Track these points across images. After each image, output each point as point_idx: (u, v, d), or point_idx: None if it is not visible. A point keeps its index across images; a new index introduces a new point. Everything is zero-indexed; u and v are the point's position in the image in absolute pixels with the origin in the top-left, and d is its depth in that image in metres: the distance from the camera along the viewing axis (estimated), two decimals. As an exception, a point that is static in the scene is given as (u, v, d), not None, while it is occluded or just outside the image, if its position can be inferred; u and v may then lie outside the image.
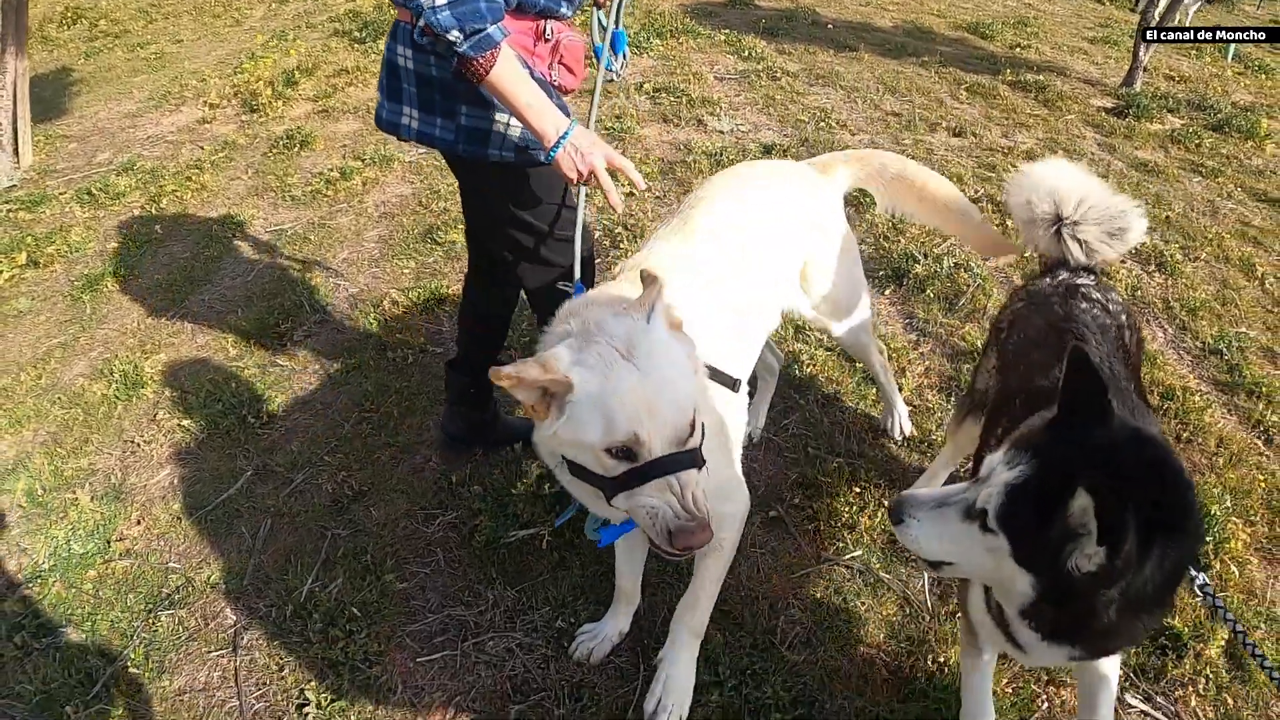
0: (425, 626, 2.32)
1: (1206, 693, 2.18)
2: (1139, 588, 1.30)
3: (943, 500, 1.46)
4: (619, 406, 1.39)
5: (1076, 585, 1.30)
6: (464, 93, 1.95)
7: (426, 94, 2.01)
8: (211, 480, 2.81)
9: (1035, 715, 2.11)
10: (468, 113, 1.98)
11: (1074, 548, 1.27)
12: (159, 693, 2.25)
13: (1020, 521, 1.34)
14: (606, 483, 1.45)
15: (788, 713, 2.07)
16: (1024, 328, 2.01)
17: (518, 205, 2.13)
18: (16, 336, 3.68)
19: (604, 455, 1.42)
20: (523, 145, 2.00)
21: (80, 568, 2.58)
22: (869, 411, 2.99)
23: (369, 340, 3.37)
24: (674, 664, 1.88)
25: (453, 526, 2.58)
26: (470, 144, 2.01)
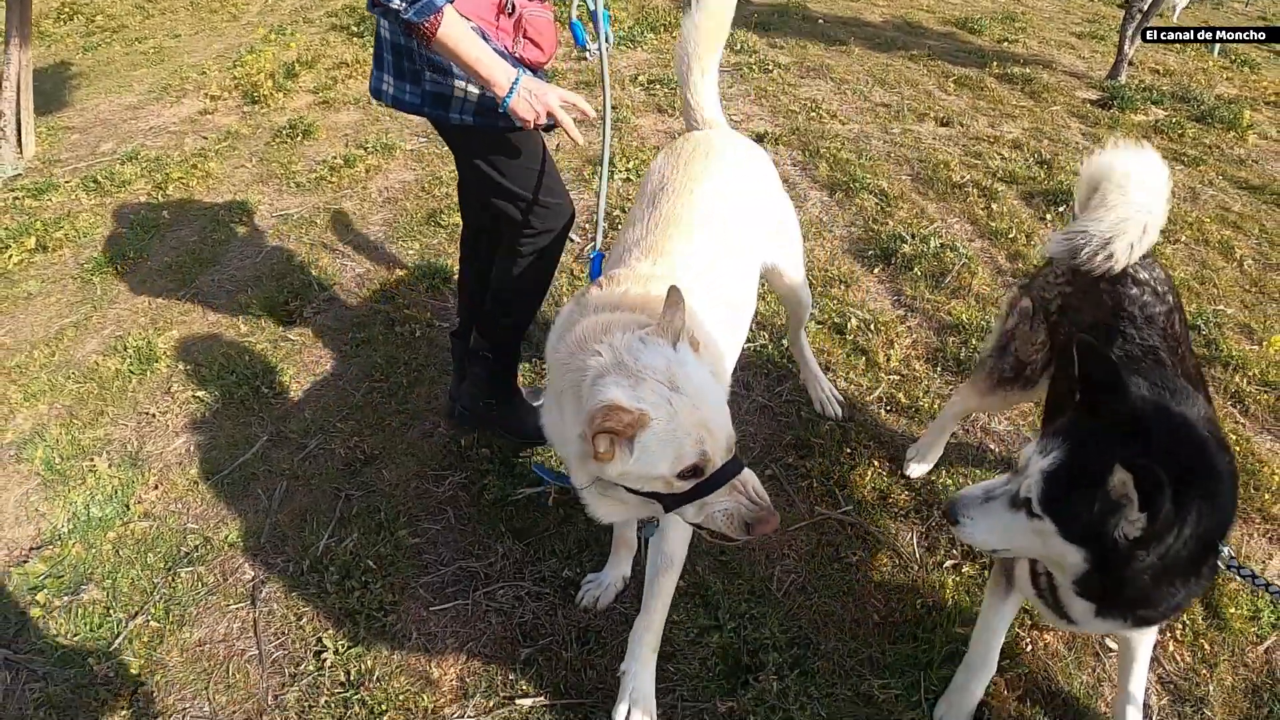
0: (437, 578, 2.44)
1: (1184, 638, 2.32)
2: (1176, 551, 1.44)
3: (988, 494, 1.61)
4: (685, 436, 1.52)
5: (1123, 552, 1.45)
6: (428, 59, 2.12)
7: (398, 61, 2.19)
8: (227, 447, 2.92)
9: (1020, 656, 2.24)
10: (430, 78, 2.15)
11: (1118, 519, 1.42)
12: (180, 644, 2.36)
13: (1061, 503, 1.49)
14: (672, 500, 1.60)
15: (784, 652, 2.20)
16: (1074, 319, 2.07)
17: (490, 168, 2.30)
18: (27, 317, 3.77)
19: (674, 480, 1.56)
20: (478, 111, 2.17)
21: (99, 530, 2.68)
22: (858, 380, 3.12)
23: (377, 316, 3.49)
24: (636, 676, 2.03)
25: (462, 486, 2.70)
26: (434, 107, 2.19)
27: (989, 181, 4.59)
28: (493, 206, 2.41)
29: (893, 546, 2.51)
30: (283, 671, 2.26)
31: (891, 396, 3.05)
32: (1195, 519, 1.44)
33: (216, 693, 2.24)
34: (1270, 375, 3.25)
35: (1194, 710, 2.17)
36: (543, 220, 2.40)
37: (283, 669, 2.27)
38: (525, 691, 2.17)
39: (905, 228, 4.05)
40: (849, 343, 3.28)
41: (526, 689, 2.17)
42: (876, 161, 4.82)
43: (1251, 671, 2.26)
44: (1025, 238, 4.05)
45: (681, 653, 2.23)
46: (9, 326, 3.70)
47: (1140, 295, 1.96)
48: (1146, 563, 1.46)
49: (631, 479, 1.58)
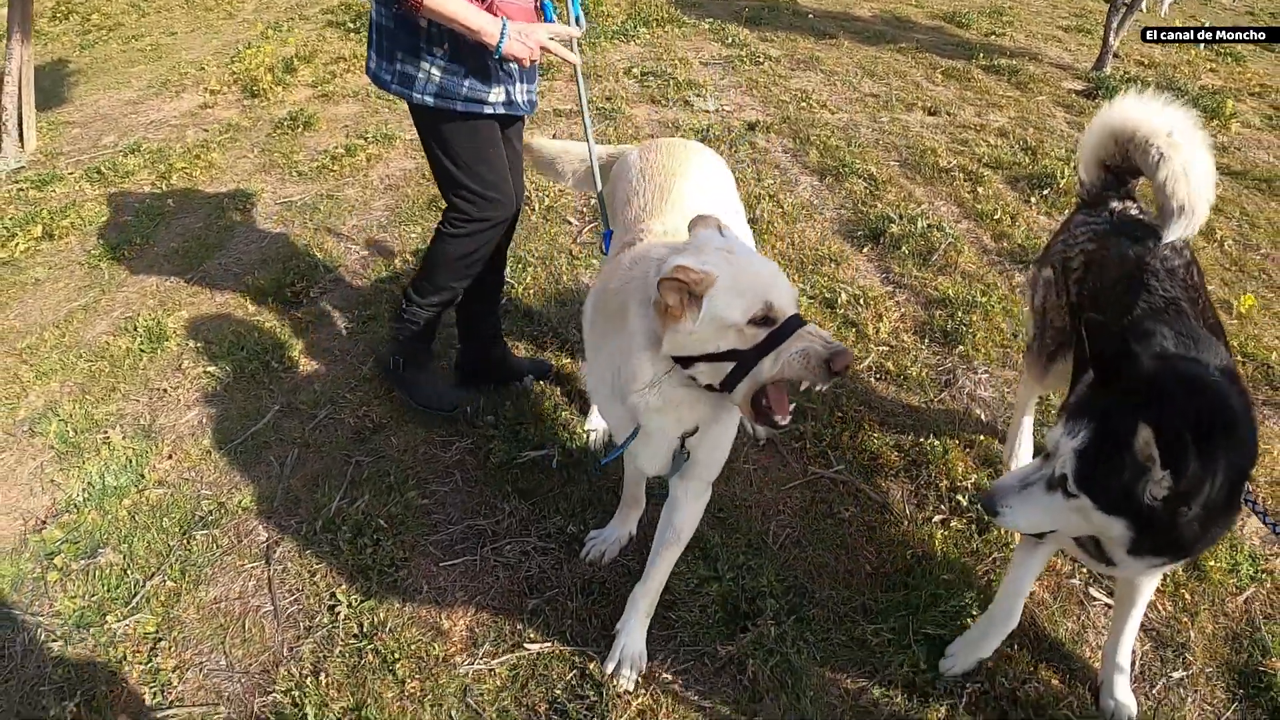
0: (447, 536, 2.55)
1: (1166, 589, 2.43)
2: (1214, 498, 1.53)
3: (1024, 481, 1.69)
4: (752, 284, 1.67)
5: (1158, 513, 1.53)
6: (402, 41, 2.32)
7: (379, 40, 2.39)
8: (239, 418, 3.02)
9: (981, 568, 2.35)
10: (402, 58, 2.35)
11: (1145, 481, 1.50)
12: (196, 602, 2.45)
13: (1095, 478, 1.57)
14: (750, 355, 1.68)
15: (781, 600, 2.31)
16: (1100, 275, 2.16)
17: (440, 150, 2.50)
18: (36, 301, 3.86)
19: (746, 328, 1.67)
20: (438, 93, 2.36)
21: (115, 498, 2.77)
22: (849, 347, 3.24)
23: (381, 295, 3.60)
24: (629, 634, 2.18)
25: (469, 451, 2.81)
26: (401, 85, 2.38)
27: (975, 166, 4.72)
28: (440, 182, 2.60)
29: (883, 503, 2.62)
30: (298, 625, 2.36)
31: (881, 365, 3.17)
32: (1225, 465, 1.51)
33: (233, 646, 2.33)
34: (1249, 348, 3.37)
35: (1175, 655, 2.28)
36: (479, 209, 2.56)
37: (298, 622, 2.37)
38: (532, 639, 2.27)
39: (893, 209, 4.18)
40: (840, 316, 3.40)
41: (534, 637, 2.28)
42: (865, 148, 4.95)
43: (1231, 620, 2.38)
44: (1010, 219, 4.18)
45: (683, 601, 2.33)
46: (18, 310, 3.79)
47: (1162, 250, 2.04)
48: (1191, 516, 1.53)
49: (706, 334, 1.67)
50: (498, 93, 2.41)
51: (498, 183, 2.55)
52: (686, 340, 1.69)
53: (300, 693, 2.17)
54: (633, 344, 1.80)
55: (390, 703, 2.15)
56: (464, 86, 2.36)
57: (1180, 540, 1.61)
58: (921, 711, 2.11)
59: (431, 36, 2.30)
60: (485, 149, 2.50)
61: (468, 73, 2.34)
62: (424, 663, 2.24)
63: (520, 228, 4.08)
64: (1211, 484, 1.51)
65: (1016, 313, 3.46)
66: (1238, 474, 1.58)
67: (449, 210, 2.61)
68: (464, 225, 2.59)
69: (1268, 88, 6.63)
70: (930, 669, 2.16)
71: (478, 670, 2.21)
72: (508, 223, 2.67)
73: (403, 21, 2.30)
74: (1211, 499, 1.53)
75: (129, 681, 2.28)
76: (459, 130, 2.45)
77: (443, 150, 2.49)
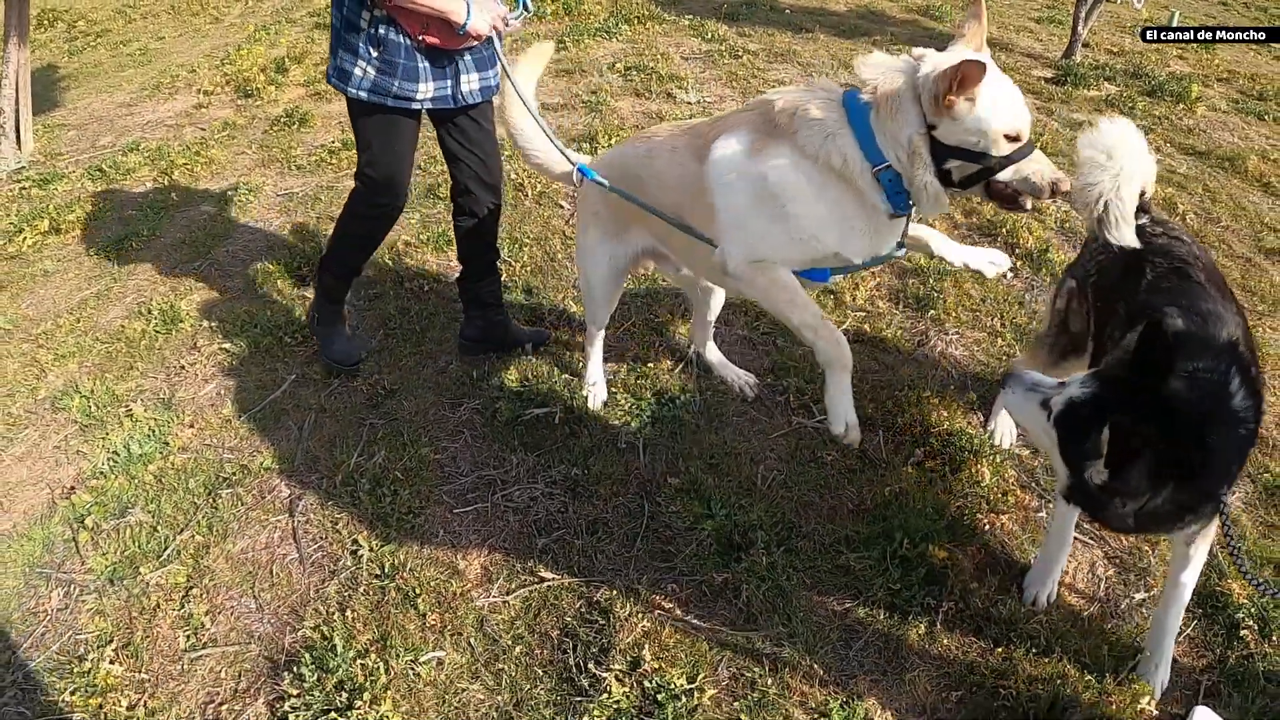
0: (459, 485, 2.77)
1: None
2: (1153, 507, 1.76)
3: (1034, 386, 1.98)
4: (1011, 104, 1.98)
5: (1091, 491, 1.79)
6: (344, 41, 2.64)
7: (332, 41, 2.70)
8: (255, 389, 3.22)
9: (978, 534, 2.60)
10: (341, 56, 2.66)
11: (1092, 464, 1.76)
12: (224, 553, 2.66)
13: (1069, 428, 1.83)
14: (995, 162, 1.98)
15: (770, 533, 2.54)
16: (1109, 276, 2.36)
17: (359, 138, 2.85)
18: (47, 291, 4.04)
19: (1003, 139, 1.97)
20: (371, 89, 2.66)
21: (140, 464, 2.96)
22: (828, 316, 3.48)
23: (387, 275, 3.82)
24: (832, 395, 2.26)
25: (476, 411, 3.03)
26: (338, 80, 2.70)
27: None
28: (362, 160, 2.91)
29: (862, 448, 2.86)
30: (323, 569, 2.57)
31: (858, 329, 3.42)
32: (1178, 490, 1.72)
33: (261, 591, 2.54)
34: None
35: (1136, 579, 2.53)
36: (370, 195, 2.91)
37: (323, 566, 2.58)
38: (544, 574, 2.49)
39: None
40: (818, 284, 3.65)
41: (545, 573, 2.50)
42: (844, 134, 5.20)
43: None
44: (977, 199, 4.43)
45: (680, 537, 2.56)
46: (30, 300, 3.97)
47: (1160, 240, 2.26)
48: (1125, 511, 1.77)
49: (970, 132, 1.96)
50: (426, 89, 2.69)
51: (394, 178, 2.87)
52: (956, 130, 1.97)
53: (328, 628, 2.38)
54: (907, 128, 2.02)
55: (413, 634, 2.36)
56: (394, 85, 2.65)
57: (1108, 520, 1.86)
58: (902, 628, 2.34)
59: (370, 37, 2.60)
60: (399, 144, 2.81)
61: (398, 73, 2.63)
62: (443, 598, 2.45)
63: (515, 212, 4.32)
64: (1153, 498, 1.73)
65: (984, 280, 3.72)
66: (1196, 499, 1.77)
67: (352, 190, 2.97)
68: (358, 206, 2.95)
69: (1235, 73, 6.94)
70: (906, 589, 2.40)
71: (493, 603, 2.43)
72: (394, 215, 3.01)
73: (348, 24, 2.60)
74: (1150, 508, 1.75)
75: (164, 626, 2.47)
76: (381, 123, 2.76)
77: (361, 139, 2.84)
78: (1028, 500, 2.73)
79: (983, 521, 2.66)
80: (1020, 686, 2.18)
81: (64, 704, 2.26)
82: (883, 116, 2.05)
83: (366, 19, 2.58)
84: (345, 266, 3.18)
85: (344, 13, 2.60)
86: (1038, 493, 2.77)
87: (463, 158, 2.92)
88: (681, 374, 3.20)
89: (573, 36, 6.78)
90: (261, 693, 2.28)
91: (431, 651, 2.32)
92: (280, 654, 2.36)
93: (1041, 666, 2.23)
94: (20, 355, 3.58)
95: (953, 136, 1.99)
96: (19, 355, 3.59)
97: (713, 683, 2.21)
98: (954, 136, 1.99)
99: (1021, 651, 2.27)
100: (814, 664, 2.25)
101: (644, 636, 2.30)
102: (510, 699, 2.20)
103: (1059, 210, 4.40)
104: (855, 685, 2.21)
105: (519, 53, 3.07)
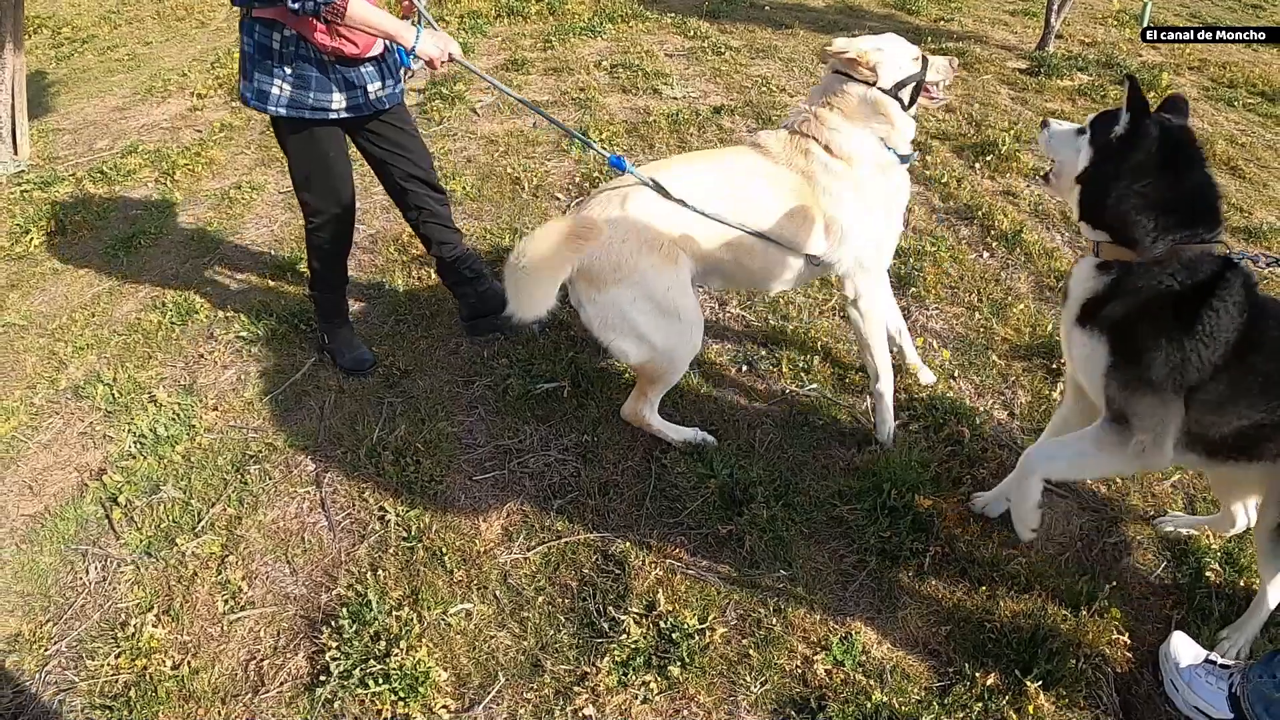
0: (477, 455, 2.99)
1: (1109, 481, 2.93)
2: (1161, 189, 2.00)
3: (1070, 128, 2.27)
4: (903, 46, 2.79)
5: (1109, 158, 2.06)
6: (259, 63, 2.83)
7: (243, 65, 2.91)
8: (275, 373, 3.43)
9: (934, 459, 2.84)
10: (258, 78, 2.87)
11: (1115, 125, 2.03)
12: (256, 523, 2.86)
13: (1099, 122, 2.13)
14: (920, 72, 2.76)
15: (769, 489, 2.78)
16: None
17: (292, 156, 3.06)
18: (59, 289, 4.22)
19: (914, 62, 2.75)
20: (289, 104, 2.87)
21: (168, 445, 3.15)
22: (815, 295, 3.75)
23: (393, 264, 4.03)
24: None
25: (488, 388, 3.26)
26: (258, 100, 2.90)
27: (924, 138, 5.26)
28: (294, 179, 3.15)
29: (851, 413, 3.11)
30: (352, 534, 2.79)
31: (843, 307, 3.66)
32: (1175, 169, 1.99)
33: (294, 556, 2.75)
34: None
35: (1109, 525, 2.78)
36: (316, 204, 3.15)
37: (352, 532, 2.79)
38: (561, 531, 2.72)
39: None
40: (809, 266, 3.90)
41: (561, 530, 2.72)
42: (826, 126, 5.47)
43: (1160, 500, 2.88)
44: (956, 183, 4.72)
45: (686, 495, 2.80)
46: (42, 297, 4.15)
47: None
48: (1120, 191, 2.02)
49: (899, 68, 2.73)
50: (339, 99, 2.91)
51: (325, 189, 3.11)
52: (895, 73, 2.68)
53: (361, 586, 2.59)
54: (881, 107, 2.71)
55: (442, 589, 2.58)
56: (310, 97, 2.87)
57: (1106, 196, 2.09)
58: (893, 571, 2.59)
59: (283, 56, 2.82)
60: (326, 153, 3.04)
61: (311, 85, 2.86)
62: (468, 555, 2.67)
63: (513, 204, 4.55)
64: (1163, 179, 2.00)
65: (962, 259, 4.00)
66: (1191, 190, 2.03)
67: (301, 207, 3.19)
68: (312, 219, 3.18)
69: (1206, 61, 7.22)
70: (896, 536, 2.64)
71: (515, 559, 2.66)
72: (347, 220, 3.23)
73: (260, 47, 2.82)
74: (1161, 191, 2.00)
75: (202, 592, 2.68)
76: (305, 139, 2.99)
77: (292, 156, 3.06)
78: (1005, 456, 2.98)
79: (964, 474, 2.91)
80: (1004, 619, 2.43)
81: (109, 667, 2.45)
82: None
83: (278, 40, 2.78)
84: (328, 281, 3.37)
85: (255, 38, 2.80)
86: (1015, 450, 3.02)
87: (388, 160, 3.19)
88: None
89: (558, 35, 7.02)
90: (301, 648, 2.49)
91: (460, 604, 2.53)
92: (317, 612, 2.57)
93: (1023, 603, 2.49)
94: (38, 349, 3.76)
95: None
96: (36, 349, 3.76)
97: (722, 623, 2.44)
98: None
99: (1004, 590, 2.52)
100: (814, 604, 2.49)
101: (657, 583, 2.53)
102: (536, 643, 2.43)
103: (1033, 194, 4.67)
104: (852, 622, 2.45)
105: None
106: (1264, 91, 6.53)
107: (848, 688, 2.28)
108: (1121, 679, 2.33)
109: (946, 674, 2.33)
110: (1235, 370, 2.01)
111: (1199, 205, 2.05)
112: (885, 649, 2.40)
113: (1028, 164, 4.95)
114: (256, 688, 2.40)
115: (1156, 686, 2.29)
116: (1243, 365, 2.01)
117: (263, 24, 2.78)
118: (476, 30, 7.45)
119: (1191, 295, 2.01)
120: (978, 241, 4.23)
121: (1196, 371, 2.02)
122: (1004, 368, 3.37)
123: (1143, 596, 2.55)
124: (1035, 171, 4.76)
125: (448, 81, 6.10)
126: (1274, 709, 2.06)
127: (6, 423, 3.33)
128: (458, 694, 2.33)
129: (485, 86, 6.15)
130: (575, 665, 2.36)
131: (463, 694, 2.33)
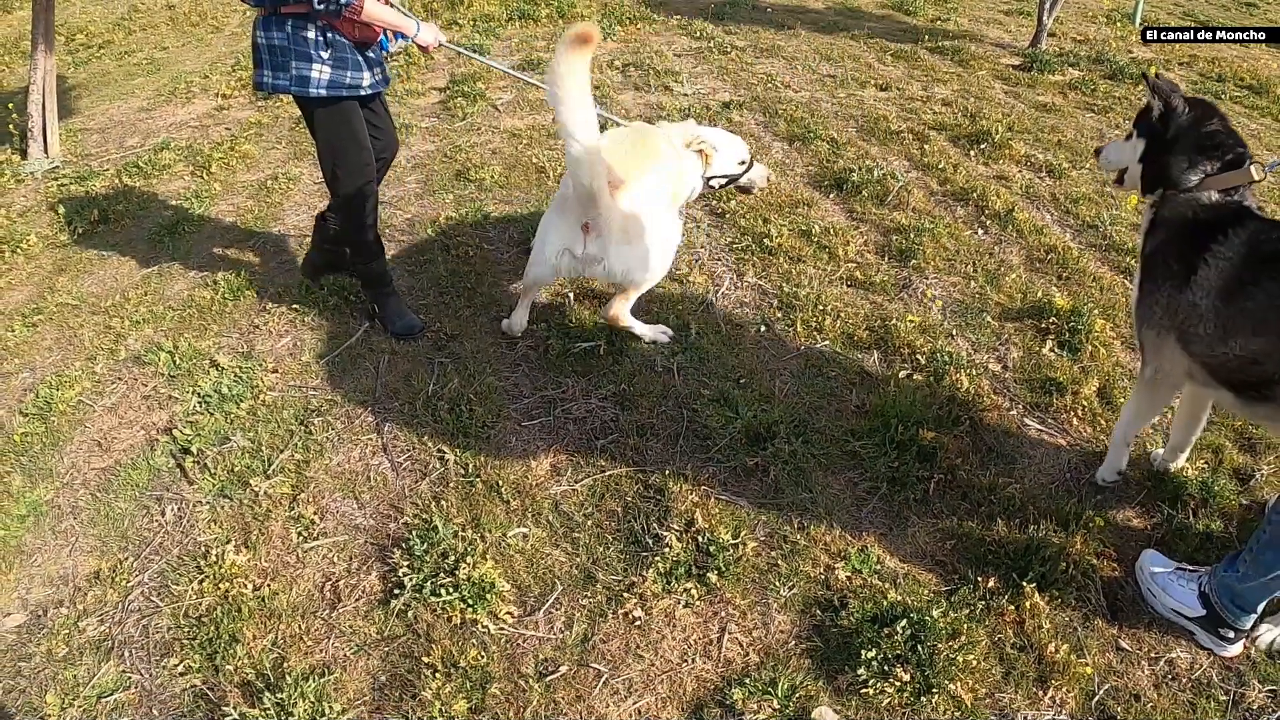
0: (524, 405, 3.39)
1: (1085, 417, 3.35)
2: (1196, 136, 2.51)
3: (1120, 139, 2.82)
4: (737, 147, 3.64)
5: (1158, 133, 2.58)
6: (296, 52, 3.21)
7: (270, 58, 3.32)
8: (329, 339, 3.82)
9: (934, 404, 3.25)
10: (297, 66, 3.27)
11: (1150, 113, 2.59)
12: (324, 467, 3.24)
13: (1141, 121, 2.67)
14: (740, 173, 3.61)
15: (789, 427, 3.19)
16: None
17: (327, 133, 3.41)
18: (108, 272, 4.58)
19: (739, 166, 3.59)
20: (329, 85, 3.28)
21: (232, 403, 3.51)
22: (825, 266, 4.18)
23: (433, 244, 4.45)
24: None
25: (530, 348, 3.66)
26: (299, 86, 3.30)
27: (922, 129, 5.73)
28: (322, 159, 3.53)
29: (860, 365, 3.53)
30: (414, 473, 3.17)
31: (851, 275, 4.11)
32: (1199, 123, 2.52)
33: (361, 493, 3.13)
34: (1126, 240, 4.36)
35: (1095, 463, 3.19)
36: (351, 171, 3.51)
37: (413, 471, 3.18)
38: (604, 466, 3.12)
39: (853, 164, 5.15)
40: (815, 242, 4.34)
41: (604, 466, 3.12)
42: (826, 119, 5.93)
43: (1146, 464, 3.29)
44: (952, 168, 5.17)
45: (715, 434, 3.20)
46: (92, 280, 4.49)
47: None
48: (1174, 144, 2.52)
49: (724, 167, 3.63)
50: (368, 77, 3.38)
51: (362, 156, 3.50)
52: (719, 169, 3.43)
53: (426, 515, 2.98)
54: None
55: (500, 515, 2.97)
56: (347, 76, 3.32)
57: (1170, 164, 2.55)
58: (902, 495, 2.99)
59: (318, 44, 3.25)
60: (356, 128, 3.46)
61: (349, 65, 3.31)
62: (522, 488, 3.06)
63: (538, 191, 4.96)
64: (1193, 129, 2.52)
65: (958, 235, 4.44)
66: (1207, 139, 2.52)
67: (331, 184, 3.56)
68: (344, 191, 3.55)
69: (1196, 57, 7.70)
70: (903, 466, 3.05)
71: (564, 490, 3.05)
72: (370, 185, 3.61)
73: (295, 38, 3.23)
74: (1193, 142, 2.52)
75: (276, 526, 3.05)
76: (339, 117, 3.37)
77: (324, 133, 3.45)
78: (1000, 402, 3.39)
79: (962, 416, 3.32)
80: (1001, 535, 2.83)
81: (193, 592, 2.81)
82: None
83: (313, 30, 3.19)
84: (369, 249, 3.73)
85: (289, 30, 3.19)
86: (1008, 396, 3.44)
87: (373, 136, 3.62)
88: (701, 312, 3.86)
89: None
90: (373, 569, 2.86)
91: (517, 528, 2.92)
92: (385, 539, 2.94)
93: (1018, 521, 2.89)
94: (94, 325, 4.10)
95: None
96: (92, 325, 4.10)
97: (753, 538, 2.83)
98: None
99: (1000, 510, 2.92)
100: (832, 523, 2.89)
101: (694, 506, 2.93)
102: (588, 559, 2.82)
103: (1024, 178, 5.12)
104: (867, 538, 2.85)
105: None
106: (1251, 85, 7.01)
107: (866, 589, 2.67)
108: (1108, 584, 2.73)
109: (952, 580, 2.73)
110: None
111: (1229, 141, 2.56)
112: (897, 560, 2.80)
113: (1019, 151, 5.40)
114: (334, 604, 2.77)
115: (1139, 591, 2.69)
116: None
117: (295, 18, 3.21)
118: (490, 33, 7.90)
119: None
120: (973, 220, 4.67)
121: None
122: (997, 328, 3.80)
123: (1125, 521, 2.96)
124: (1029, 160, 5.19)
125: (468, 80, 6.54)
126: (1239, 599, 2.45)
127: (71, 389, 3.67)
128: (520, 601, 2.71)
129: (504, 85, 6.59)
130: (624, 576, 2.75)
131: (524, 602, 2.72)
